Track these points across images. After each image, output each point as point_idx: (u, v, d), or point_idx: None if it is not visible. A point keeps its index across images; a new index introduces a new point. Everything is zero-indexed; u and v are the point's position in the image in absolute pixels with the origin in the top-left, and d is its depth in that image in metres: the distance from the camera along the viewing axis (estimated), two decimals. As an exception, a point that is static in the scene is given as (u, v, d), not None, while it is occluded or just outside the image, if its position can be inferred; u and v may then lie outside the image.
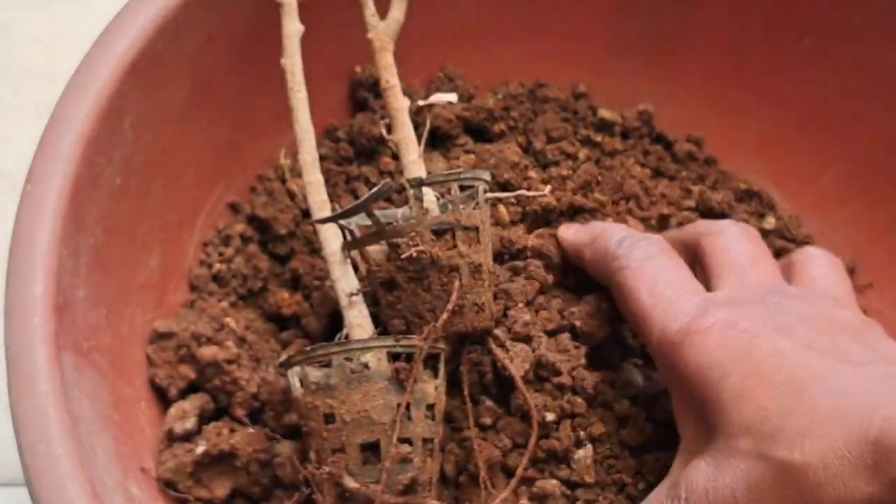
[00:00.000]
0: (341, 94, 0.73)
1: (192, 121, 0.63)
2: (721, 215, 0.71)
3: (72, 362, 0.50)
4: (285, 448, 0.57)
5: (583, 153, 0.72)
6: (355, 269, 0.57)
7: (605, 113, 0.75)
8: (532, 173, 0.69)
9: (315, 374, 0.52)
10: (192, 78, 0.62)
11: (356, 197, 0.67)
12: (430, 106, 0.71)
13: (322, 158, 0.70)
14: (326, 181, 0.68)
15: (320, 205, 0.58)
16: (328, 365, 0.52)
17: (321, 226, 0.57)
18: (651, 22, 0.76)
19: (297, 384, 0.53)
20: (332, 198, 0.60)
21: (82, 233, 0.53)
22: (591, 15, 0.76)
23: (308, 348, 0.52)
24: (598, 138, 0.73)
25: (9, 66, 0.88)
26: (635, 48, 0.77)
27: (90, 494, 0.45)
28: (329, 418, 0.52)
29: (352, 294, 0.56)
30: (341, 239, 0.57)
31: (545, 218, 0.66)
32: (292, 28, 0.60)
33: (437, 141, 0.72)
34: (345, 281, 0.56)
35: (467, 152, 0.70)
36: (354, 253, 0.57)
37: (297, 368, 0.53)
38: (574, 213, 0.67)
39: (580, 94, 0.76)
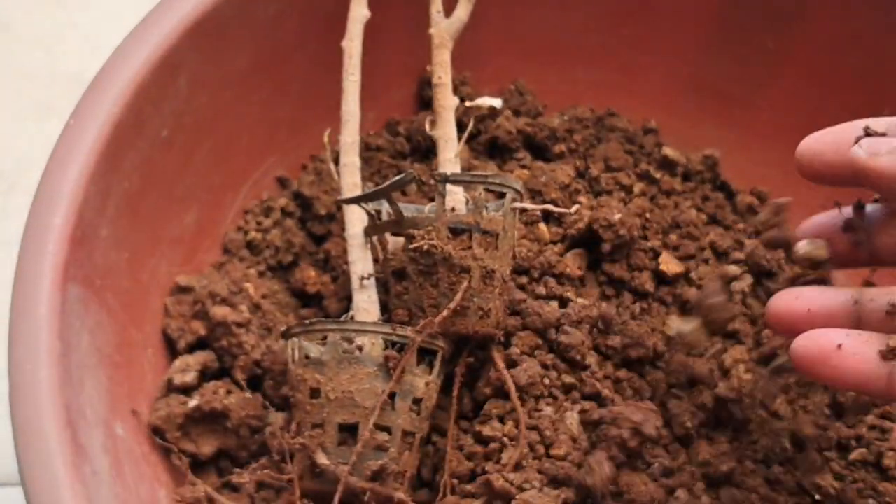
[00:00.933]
0: (408, 91, 0.74)
1: (252, 91, 0.64)
2: (770, 273, 0.69)
3: (78, 295, 0.51)
4: (278, 419, 0.58)
5: (638, 187, 0.71)
6: (375, 255, 0.58)
7: (669, 151, 0.73)
8: (582, 198, 0.68)
9: (310, 348, 0.53)
10: (257, 50, 0.63)
11: (404, 193, 0.68)
12: (494, 114, 0.71)
13: (378, 150, 0.71)
14: (377, 172, 0.69)
15: (351, 187, 0.58)
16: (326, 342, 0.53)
17: (347, 208, 0.58)
18: (735, 68, 0.75)
19: (292, 355, 0.53)
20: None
21: (117, 175, 0.55)
22: (676, 53, 0.75)
23: (307, 321, 0.53)
24: (658, 175, 0.72)
25: (9, 66, 0.87)
26: (713, 92, 0.76)
27: (64, 421, 0.46)
28: (315, 393, 0.52)
29: (363, 278, 0.56)
30: (365, 224, 0.57)
31: (584, 242, 0.65)
32: (358, 12, 0.61)
33: (495, 151, 0.72)
34: (360, 264, 0.57)
35: (522, 167, 0.70)
36: (376, 239, 0.57)
37: (294, 340, 0.53)
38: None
39: (650, 129, 0.75)
